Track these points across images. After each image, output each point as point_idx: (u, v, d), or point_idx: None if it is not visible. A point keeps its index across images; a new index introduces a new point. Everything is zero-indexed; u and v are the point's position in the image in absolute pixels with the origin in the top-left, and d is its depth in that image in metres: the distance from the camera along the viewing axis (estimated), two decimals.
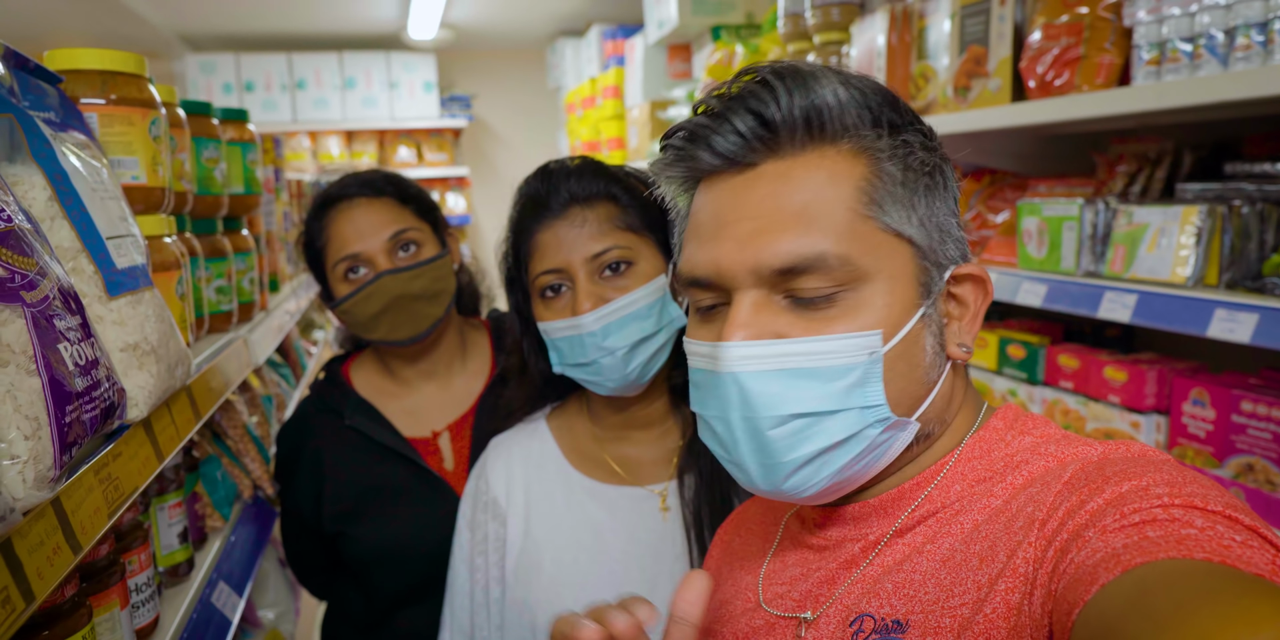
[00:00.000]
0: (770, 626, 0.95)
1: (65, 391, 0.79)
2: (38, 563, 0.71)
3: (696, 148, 0.88)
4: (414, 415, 1.93)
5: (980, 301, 0.91)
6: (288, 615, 2.20)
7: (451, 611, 1.57)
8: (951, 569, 0.82)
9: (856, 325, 0.83)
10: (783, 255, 0.83)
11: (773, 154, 0.86)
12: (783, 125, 0.85)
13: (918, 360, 0.86)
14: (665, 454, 1.50)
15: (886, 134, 0.87)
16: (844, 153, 0.86)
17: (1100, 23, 1.76)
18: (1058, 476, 0.80)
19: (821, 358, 0.83)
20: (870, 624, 0.85)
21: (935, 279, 0.88)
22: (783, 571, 0.99)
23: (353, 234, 1.81)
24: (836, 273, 0.83)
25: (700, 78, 4.01)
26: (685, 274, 0.91)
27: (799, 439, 0.84)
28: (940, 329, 0.89)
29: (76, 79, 1.29)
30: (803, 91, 0.85)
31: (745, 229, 0.85)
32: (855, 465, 0.86)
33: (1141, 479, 0.73)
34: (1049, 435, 0.89)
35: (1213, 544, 0.63)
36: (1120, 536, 0.67)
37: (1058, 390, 2.08)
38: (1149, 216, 1.72)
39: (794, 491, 0.86)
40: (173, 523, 1.44)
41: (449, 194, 7.86)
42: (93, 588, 1.08)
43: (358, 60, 7.30)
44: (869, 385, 0.83)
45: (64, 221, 1.00)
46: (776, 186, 0.85)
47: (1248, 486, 1.60)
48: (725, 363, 0.84)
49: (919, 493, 0.89)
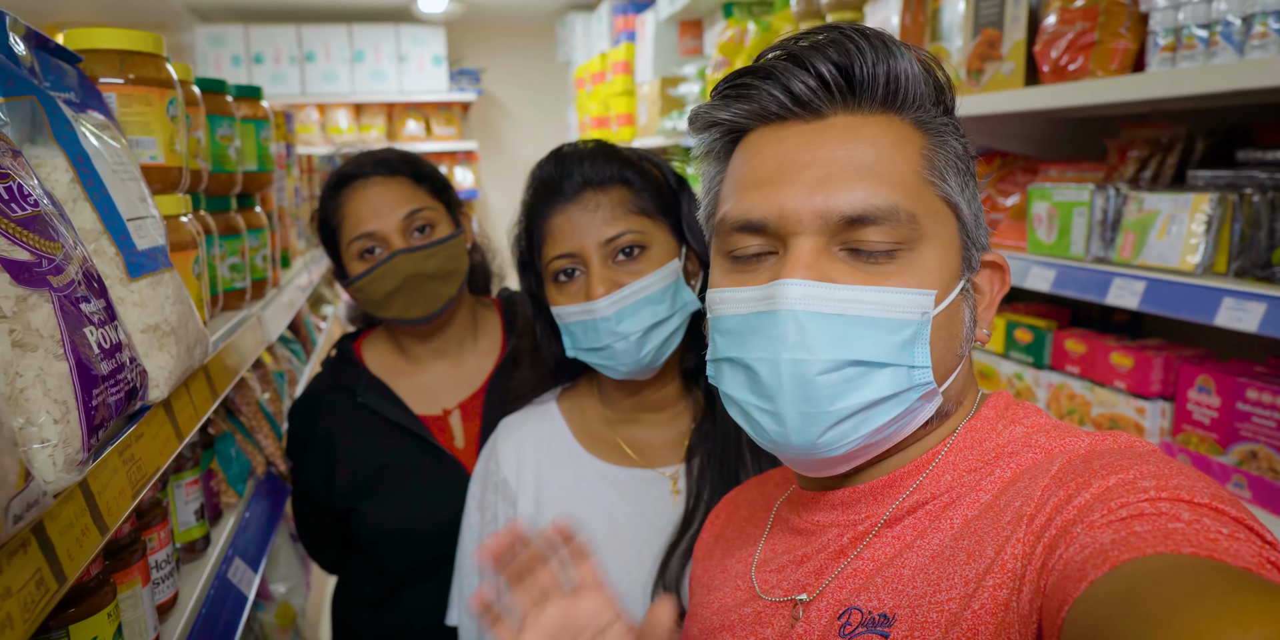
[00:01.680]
0: (763, 614, 0.96)
1: (92, 375, 0.81)
2: (68, 544, 0.73)
3: (770, 86, 0.87)
4: (425, 393, 1.94)
5: (998, 289, 0.93)
6: (299, 589, 2.23)
7: (460, 591, 1.59)
8: (940, 564, 0.82)
9: (914, 283, 0.84)
10: (856, 203, 0.83)
11: (844, 108, 0.87)
12: (862, 82, 0.86)
13: (956, 331, 0.88)
14: (677, 437, 1.52)
15: (943, 115, 0.90)
16: (908, 123, 0.88)
17: (1116, 8, 1.76)
18: (1045, 470, 0.80)
19: (881, 308, 0.83)
20: (858, 617, 0.85)
21: (974, 257, 0.90)
22: (773, 559, 1.00)
23: (368, 213, 1.82)
24: (903, 228, 0.83)
25: (711, 55, 3.99)
26: (737, 217, 0.88)
27: (847, 388, 0.83)
28: (974, 306, 0.91)
29: (95, 58, 1.30)
30: (886, 55, 0.86)
31: (815, 174, 0.84)
32: (888, 429, 0.86)
33: (1128, 472, 0.73)
34: (1038, 425, 0.90)
35: (1200, 538, 0.63)
36: (1108, 532, 0.67)
37: (1064, 374, 2.09)
38: (1160, 203, 1.72)
39: (826, 447, 0.85)
40: (189, 500, 1.46)
41: (457, 168, 7.85)
42: (116, 565, 1.10)
43: (367, 33, 7.26)
44: (918, 346, 0.84)
45: (86, 203, 1.01)
46: (847, 138, 0.86)
47: (1251, 474, 1.61)
48: (785, 301, 0.83)
49: (911, 481, 0.90)
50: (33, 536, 0.70)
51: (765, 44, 3.52)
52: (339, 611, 2.02)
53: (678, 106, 4.65)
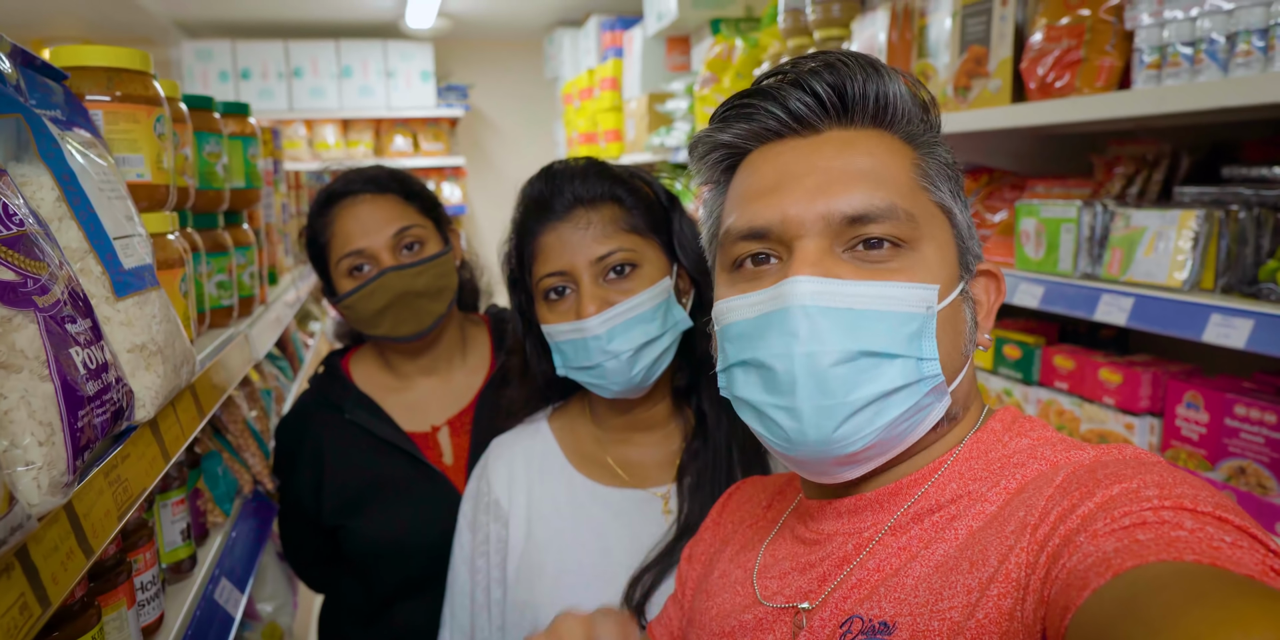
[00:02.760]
0: (764, 620, 0.96)
1: (78, 396, 0.80)
2: (52, 568, 0.72)
3: (769, 105, 0.92)
4: (414, 410, 1.94)
5: (995, 298, 0.96)
6: (286, 608, 2.21)
7: (452, 612, 1.57)
8: (943, 574, 0.82)
9: (917, 279, 0.87)
10: (856, 203, 0.87)
11: (839, 124, 0.92)
12: (855, 100, 0.91)
13: (960, 330, 0.91)
14: (668, 456, 1.51)
15: (930, 132, 0.95)
16: (898, 139, 0.93)
17: (1102, 25, 1.77)
18: (1050, 480, 0.81)
19: (886, 301, 0.86)
20: (859, 625, 0.85)
21: (970, 262, 0.94)
22: (775, 564, 1.00)
23: (357, 230, 1.82)
24: (903, 226, 0.87)
25: (699, 71, 4.01)
26: (741, 227, 0.92)
27: (862, 378, 0.85)
28: (974, 310, 0.94)
29: (81, 76, 1.29)
30: (875, 76, 0.91)
31: (814, 181, 0.89)
32: (901, 424, 0.87)
33: (1131, 481, 0.74)
34: (1045, 438, 0.91)
35: (1203, 546, 0.64)
36: (1111, 540, 0.67)
37: (1053, 391, 2.09)
38: (1147, 220, 1.73)
39: (843, 441, 0.85)
40: (176, 519, 1.45)
41: (445, 184, 7.85)
42: (101, 587, 1.08)
43: (355, 49, 7.27)
44: (925, 338, 0.86)
45: (72, 222, 1.00)
46: (842, 150, 0.91)
47: (1239, 489, 1.62)
48: (796, 297, 0.85)
49: (916, 489, 0.90)
50: (16, 560, 0.69)
51: (752, 60, 3.54)
52: (327, 627, 2.00)
53: (665, 122, 4.67)
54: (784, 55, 3.12)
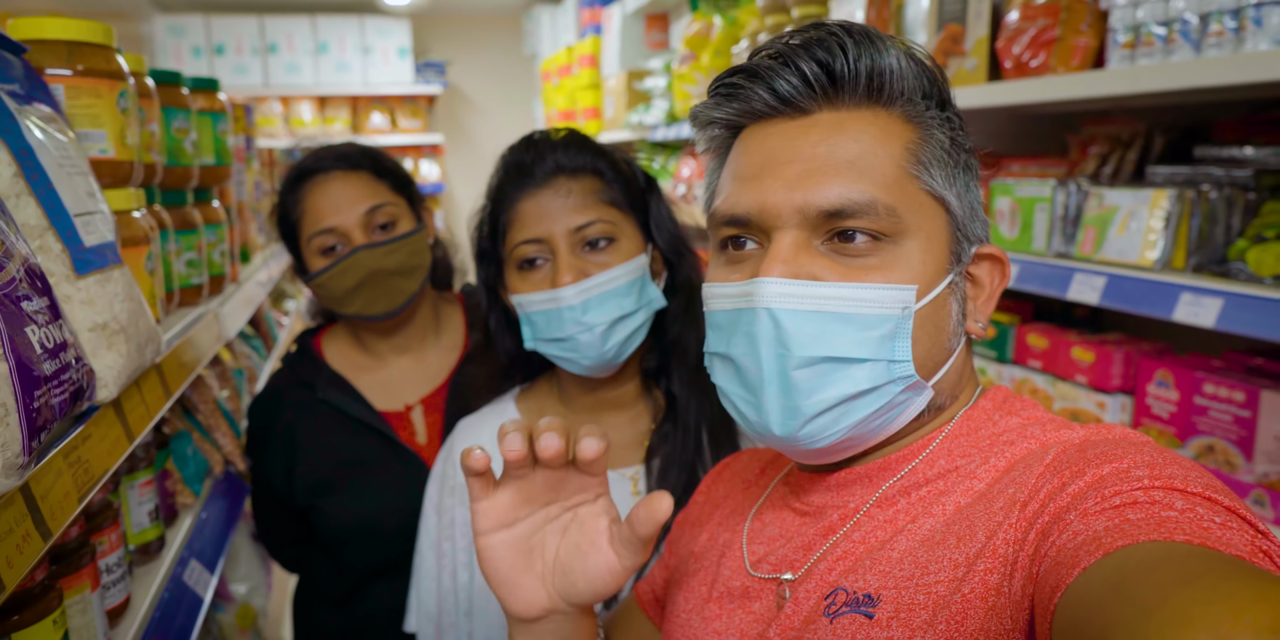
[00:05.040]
0: (750, 589, 0.96)
1: (33, 376, 0.79)
2: (7, 551, 0.71)
3: (756, 86, 0.89)
4: (387, 389, 1.93)
5: (997, 282, 0.94)
6: (259, 589, 2.20)
7: (418, 595, 1.56)
8: (929, 548, 0.83)
9: (894, 278, 0.85)
10: (833, 197, 0.84)
11: (829, 104, 0.89)
12: (845, 78, 0.88)
13: (943, 325, 0.89)
14: (636, 438, 1.50)
15: (935, 108, 0.91)
16: (895, 117, 0.89)
17: (1077, 5, 1.77)
18: (1040, 459, 0.81)
19: (857, 304, 0.84)
20: (843, 597, 0.86)
21: (965, 250, 0.91)
22: (763, 530, 1.01)
23: (328, 208, 1.80)
24: (882, 221, 0.85)
25: (678, 49, 3.98)
26: (724, 212, 0.91)
27: (824, 382, 0.84)
28: (964, 300, 0.92)
29: (41, 49, 1.26)
30: (869, 51, 0.87)
31: (795, 170, 0.86)
32: (872, 422, 0.87)
33: (1122, 461, 0.74)
34: (1035, 417, 0.91)
35: (1193, 526, 0.64)
36: (1101, 519, 0.68)
37: (1026, 369, 2.11)
38: (1119, 199, 1.74)
39: (809, 439, 0.86)
40: (143, 501, 1.44)
41: (422, 161, 7.79)
42: (63, 570, 1.07)
43: (331, 24, 7.18)
44: (899, 340, 0.85)
45: (30, 198, 0.98)
46: (829, 134, 0.87)
47: (1209, 467, 1.63)
48: (762, 298, 0.84)
49: (904, 464, 0.90)
50: None
51: (731, 38, 3.52)
52: (301, 608, 2.00)
53: (644, 100, 4.64)
54: (762, 33, 3.10)
